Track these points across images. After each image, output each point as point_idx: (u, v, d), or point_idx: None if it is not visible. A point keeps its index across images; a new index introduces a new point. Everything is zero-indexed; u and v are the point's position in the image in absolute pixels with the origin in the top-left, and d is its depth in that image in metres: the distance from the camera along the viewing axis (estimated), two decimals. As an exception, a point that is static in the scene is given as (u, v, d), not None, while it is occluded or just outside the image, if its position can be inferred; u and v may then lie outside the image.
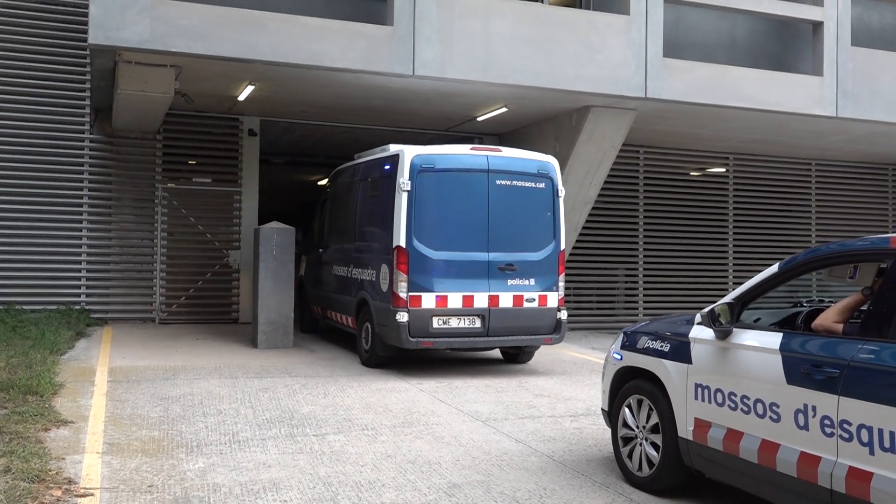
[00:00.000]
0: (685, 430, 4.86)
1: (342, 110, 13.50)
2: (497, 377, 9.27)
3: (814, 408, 4.03)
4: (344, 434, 6.37)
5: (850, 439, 3.83)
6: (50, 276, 13.09)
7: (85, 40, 10.10)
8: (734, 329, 4.67)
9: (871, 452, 3.71)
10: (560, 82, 11.46)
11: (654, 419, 5.14)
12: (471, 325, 9.35)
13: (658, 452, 5.07)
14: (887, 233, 18.38)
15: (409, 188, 9.20)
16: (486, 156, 9.68)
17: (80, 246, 13.30)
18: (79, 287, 13.28)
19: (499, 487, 5.14)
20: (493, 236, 9.47)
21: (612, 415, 5.61)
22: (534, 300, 9.57)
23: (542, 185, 9.82)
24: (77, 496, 4.70)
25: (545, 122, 13.79)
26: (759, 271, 4.86)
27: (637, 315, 16.42)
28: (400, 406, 7.47)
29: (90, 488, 4.85)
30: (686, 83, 12.14)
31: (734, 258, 17.25)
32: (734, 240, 17.27)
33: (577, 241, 14.54)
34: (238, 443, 6.03)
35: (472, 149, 9.75)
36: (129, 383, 8.14)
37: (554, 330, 9.66)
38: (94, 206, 13.39)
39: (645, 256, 16.43)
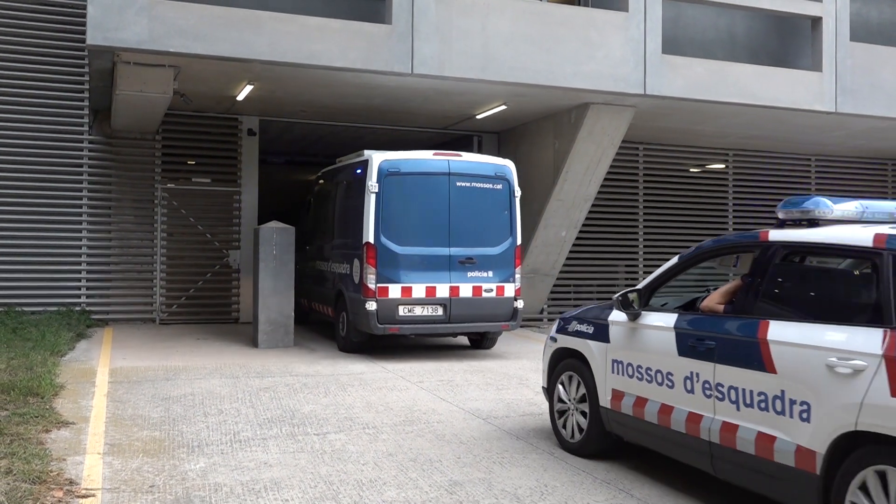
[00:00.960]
0: (605, 399, 5.67)
1: (341, 109, 13.49)
2: (497, 375, 9.27)
3: (697, 374, 4.85)
4: (345, 433, 6.37)
5: (722, 399, 4.64)
6: (50, 278, 13.09)
7: (83, 41, 10.09)
8: (643, 312, 5.47)
9: (738, 409, 4.53)
10: (559, 79, 11.45)
11: (582, 391, 5.96)
12: (433, 313, 10.32)
13: (587, 419, 5.86)
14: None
15: (376, 190, 10.19)
16: (448, 160, 10.63)
17: (80, 247, 13.29)
18: (79, 288, 13.27)
19: (500, 485, 5.14)
20: (453, 233, 10.42)
21: (549, 391, 6.42)
22: (492, 290, 10.51)
23: (499, 187, 10.79)
24: (78, 497, 4.70)
25: (544, 120, 13.79)
26: None
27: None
28: (401, 404, 7.47)
29: (91, 489, 4.85)
30: (685, 80, 12.13)
31: (734, 254, 17.23)
32: (734, 236, 17.26)
33: (578, 237, 14.53)
34: (239, 442, 6.02)
35: (434, 154, 10.76)
36: (130, 384, 8.14)
37: (511, 318, 10.63)
38: (94, 207, 13.38)
39: (645, 253, 16.43)
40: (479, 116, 13.79)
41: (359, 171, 10.82)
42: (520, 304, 10.74)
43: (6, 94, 12.80)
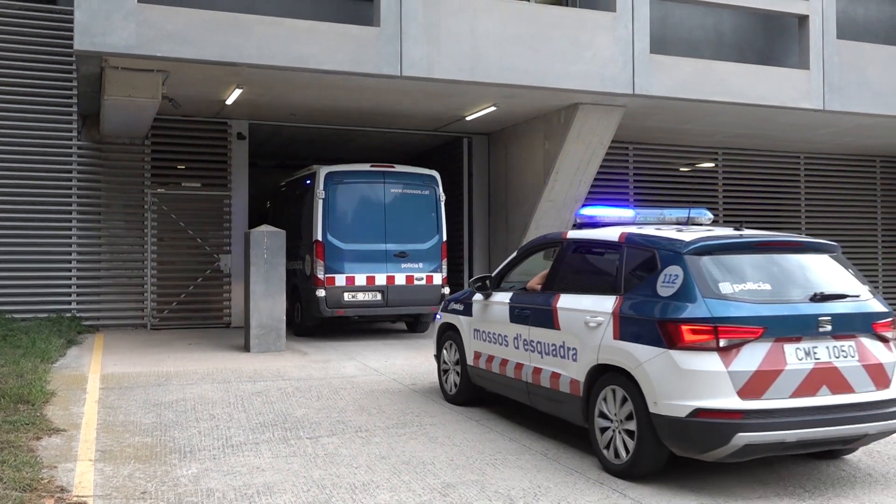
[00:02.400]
0: (470, 359, 7.42)
1: (330, 112, 13.49)
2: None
3: (520, 335, 6.60)
4: (338, 436, 6.36)
5: (533, 351, 6.38)
6: (40, 284, 13.03)
7: (71, 46, 10.05)
8: (493, 292, 7.22)
9: (542, 357, 6.25)
10: (548, 80, 11.48)
11: (457, 356, 7.71)
12: (373, 298, 12.21)
13: (458, 376, 7.64)
14: (875, 224, 18.52)
15: (323, 196, 12.08)
16: (383, 171, 12.58)
17: (69, 253, 13.24)
18: (69, 294, 13.22)
19: (493, 486, 5.14)
20: (389, 231, 12.33)
21: (437, 356, 8.24)
22: (422, 279, 12.42)
23: (426, 192, 12.72)
24: (70, 504, 4.68)
25: (534, 121, 13.81)
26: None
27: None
28: (394, 407, 7.47)
29: (83, 496, 4.83)
30: (673, 79, 12.17)
31: (725, 253, 17.28)
32: (724, 234, 17.32)
33: (568, 238, 14.55)
34: (231, 447, 6.01)
35: (371, 166, 12.64)
36: (122, 390, 8.11)
37: (438, 302, 12.04)
38: (84, 213, 13.33)
39: (636, 253, 16.45)
40: (468, 118, 13.80)
41: (308, 181, 12.73)
42: (446, 290, 12.46)
43: (-7, 100, 12.75)
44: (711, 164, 17.30)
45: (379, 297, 12.16)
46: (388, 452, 5.90)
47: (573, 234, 6.57)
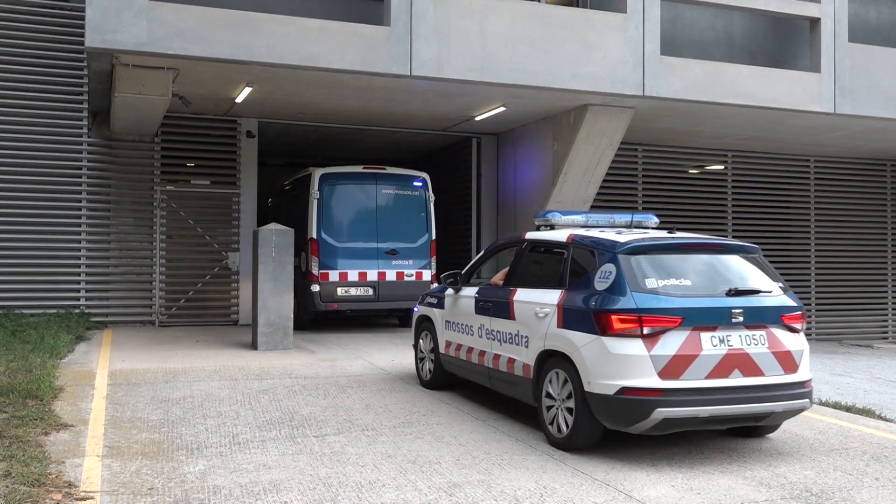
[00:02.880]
0: (442, 348, 8.12)
1: (340, 111, 13.50)
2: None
3: (483, 325, 7.31)
4: (344, 435, 6.37)
5: (494, 339, 7.09)
6: (49, 280, 13.08)
7: (82, 43, 10.08)
8: (462, 287, 7.93)
9: (500, 344, 6.98)
10: (557, 81, 11.46)
11: (431, 345, 8.43)
12: (365, 293, 12.82)
13: (433, 364, 8.33)
14: (885, 227, 18.44)
15: (318, 196, 12.73)
16: (375, 172, 13.25)
17: (79, 249, 13.29)
18: (78, 291, 13.27)
19: (499, 486, 5.14)
20: (380, 230, 12.97)
21: (415, 346, 8.95)
22: (412, 275, 13.03)
23: (416, 193, 13.35)
24: (77, 500, 4.70)
25: (543, 121, 13.80)
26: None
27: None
28: (400, 406, 7.47)
29: (90, 492, 4.85)
30: (684, 81, 12.14)
31: (733, 255, 17.22)
32: (733, 237, 17.26)
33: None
34: (238, 444, 6.02)
35: (364, 168, 13.35)
36: (129, 386, 8.14)
37: None
38: (93, 210, 13.38)
39: (644, 254, 16.41)
40: (477, 118, 13.80)
41: (304, 182, 13.36)
42: (435, 286, 12.71)
43: (5, 97, 12.80)
44: (721, 167, 17.24)
45: (371, 292, 12.82)
46: (394, 451, 5.90)
47: (531, 234, 7.30)
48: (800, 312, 6.11)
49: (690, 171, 17.18)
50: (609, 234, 6.40)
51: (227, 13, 10.02)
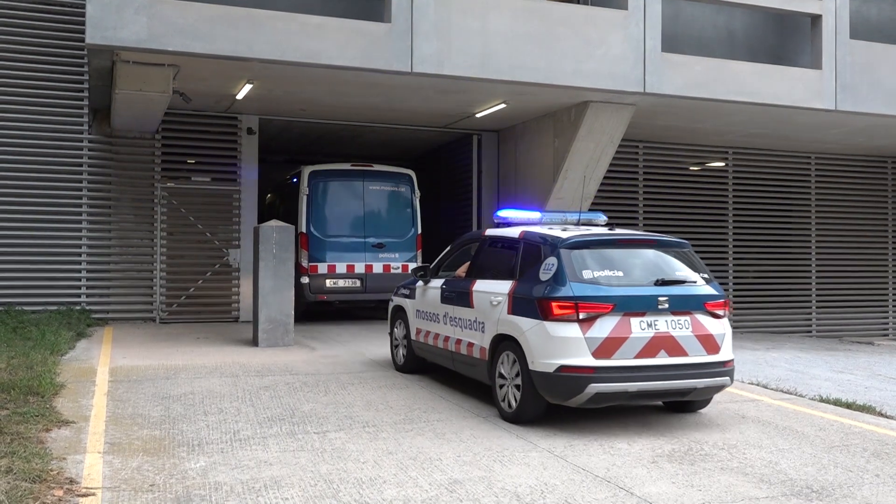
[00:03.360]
0: (414, 335, 8.83)
1: (340, 108, 13.50)
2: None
3: (447, 313, 8.03)
4: (345, 431, 6.38)
5: (456, 326, 7.80)
6: (50, 277, 13.09)
7: (82, 40, 10.08)
8: (431, 279, 8.65)
9: (462, 330, 7.69)
10: (558, 78, 11.45)
11: (404, 332, 9.13)
12: (353, 285, 13.39)
13: (405, 350, 9.08)
14: (886, 224, 18.43)
15: (307, 192, 13.37)
16: (363, 169, 13.88)
17: (79, 246, 13.30)
18: (79, 287, 13.28)
19: (500, 483, 5.14)
20: (367, 224, 13.59)
21: (390, 333, 9.65)
22: (398, 268, 13.50)
23: (402, 189, 13.95)
24: (79, 496, 4.71)
25: (544, 118, 13.79)
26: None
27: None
28: (401, 403, 7.48)
29: (92, 488, 4.85)
30: (685, 78, 12.13)
31: (734, 252, 17.24)
32: (734, 234, 17.27)
33: (577, 236, 14.52)
34: (239, 441, 6.03)
35: (351, 165, 14.03)
36: (130, 383, 8.14)
37: None
38: (94, 207, 13.38)
39: (645, 251, 16.40)
40: (478, 115, 13.79)
41: (295, 179, 13.97)
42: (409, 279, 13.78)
43: (5, 93, 12.80)
44: (722, 164, 17.23)
45: (358, 284, 13.41)
46: (395, 448, 5.91)
47: (490, 231, 8.13)
48: (722, 300, 6.81)
49: (691, 168, 17.17)
50: (555, 231, 7.10)
51: (227, 9, 10.01)
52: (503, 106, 12.99)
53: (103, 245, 13.51)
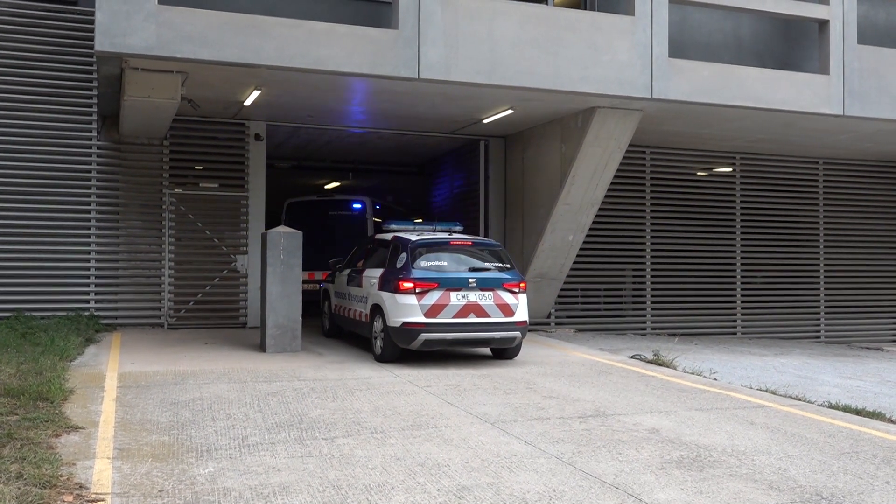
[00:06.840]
0: (333, 308, 12.52)
1: (348, 114, 13.52)
2: (505, 379, 9.27)
3: (349, 292, 11.66)
4: (353, 437, 6.38)
5: (353, 300, 11.47)
6: (59, 283, 13.14)
7: (91, 47, 10.13)
8: (343, 269, 12.16)
9: (356, 303, 11.27)
10: (565, 84, 11.46)
11: (328, 307, 12.83)
12: (315, 289, 15.12)
13: (329, 320, 12.83)
14: (895, 230, 18.34)
15: (284, 219, 16.62)
16: (326, 199, 18.33)
17: (88, 252, 13.35)
18: (87, 293, 13.33)
19: (508, 489, 5.14)
20: (329, 244, 15.84)
21: (321, 310, 13.38)
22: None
23: (357, 214, 17.51)
24: (88, 501, 4.72)
25: (551, 124, 13.80)
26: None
27: (645, 316, 16.38)
28: (409, 409, 7.47)
29: (101, 493, 4.87)
30: (692, 83, 12.12)
31: (742, 257, 17.20)
32: (742, 239, 17.23)
33: (584, 242, 14.52)
34: (248, 447, 6.04)
35: (318, 197, 18.46)
36: (139, 388, 8.17)
37: None
38: (102, 213, 13.44)
39: (652, 257, 16.41)
40: (485, 121, 13.81)
41: (282, 209, 17.48)
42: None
43: (15, 100, 12.86)
44: (729, 169, 17.19)
45: (319, 288, 15.28)
46: (403, 454, 5.91)
47: (378, 235, 11.77)
48: (516, 282, 10.23)
49: (699, 174, 17.14)
50: (412, 235, 10.61)
51: (235, 16, 10.05)
52: (510, 112, 13.00)
53: (112, 251, 13.55)
